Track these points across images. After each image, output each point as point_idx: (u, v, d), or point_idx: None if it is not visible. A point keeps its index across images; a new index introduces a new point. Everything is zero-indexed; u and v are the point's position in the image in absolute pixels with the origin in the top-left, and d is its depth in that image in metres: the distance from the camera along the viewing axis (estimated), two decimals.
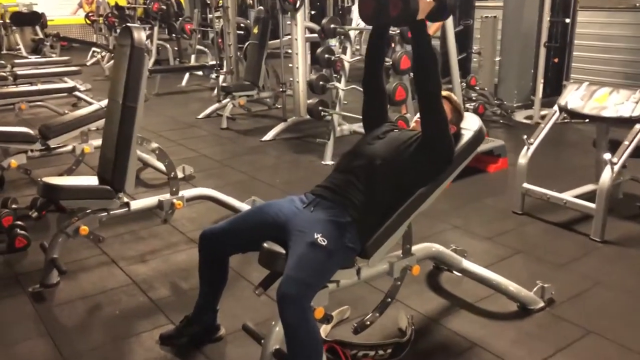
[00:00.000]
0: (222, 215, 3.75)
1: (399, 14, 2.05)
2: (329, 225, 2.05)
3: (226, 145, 5.70)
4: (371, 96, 2.46)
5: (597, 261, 3.19)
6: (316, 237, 1.97)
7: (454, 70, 4.96)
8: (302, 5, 5.56)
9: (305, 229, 2.02)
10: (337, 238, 2.03)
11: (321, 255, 1.94)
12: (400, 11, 2.03)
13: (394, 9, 2.06)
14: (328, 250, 1.96)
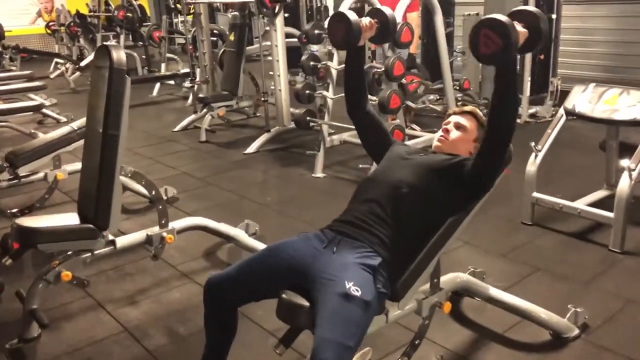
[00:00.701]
0: (214, 242, 3.47)
1: (494, 53, 1.67)
2: (360, 270, 1.79)
3: (208, 161, 5.39)
4: (364, 126, 2.26)
5: (622, 275, 3.00)
6: (348, 286, 1.71)
7: (446, 73, 4.76)
8: (281, 10, 5.27)
9: (333, 277, 1.75)
10: (371, 284, 1.77)
11: (357, 309, 1.68)
12: (497, 50, 1.66)
13: (486, 46, 1.68)
14: (363, 301, 1.70)
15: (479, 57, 1.73)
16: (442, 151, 2.15)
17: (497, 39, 1.64)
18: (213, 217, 3.53)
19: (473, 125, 2.16)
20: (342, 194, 4.30)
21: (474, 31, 1.69)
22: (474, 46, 1.70)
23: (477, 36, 1.68)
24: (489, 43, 1.66)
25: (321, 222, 3.80)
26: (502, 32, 1.63)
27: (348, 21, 2.04)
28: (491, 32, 1.65)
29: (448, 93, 4.82)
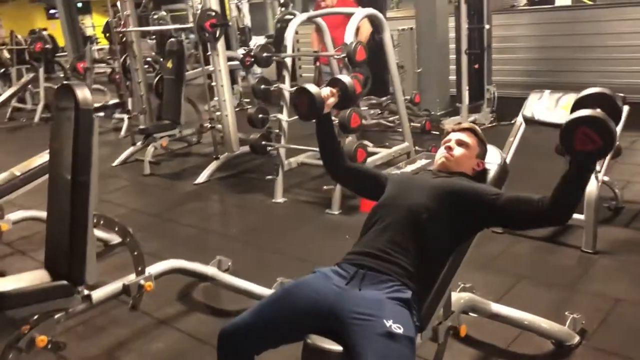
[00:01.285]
0: (186, 283, 3.28)
1: (594, 150, 1.59)
2: (395, 306, 1.70)
3: (158, 195, 5.13)
4: (353, 181, 2.28)
5: (601, 276, 3.08)
6: (388, 324, 1.62)
7: (397, 88, 4.79)
8: (222, 34, 5.14)
9: (369, 316, 1.65)
10: (409, 319, 1.70)
11: (403, 348, 1.60)
12: (594, 150, 1.58)
13: (581, 143, 1.59)
14: (408, 338, 1.62)
15: (573, 153, 1.64)
16: (447, 169, 2.10)
17: (597, 138, 1.56)
18: (178, 255, 3.32)
19: (474, 141, 2.14)
20: (308, 218, 4.24)
21: (571, 127, 1.60)
22: (569, 143, 1.61)
23: (575, 133, 1.60)
24: (587, 141, 1.58)
25: (295, 250, 3.77)
26: (604, 132, 1.56)
27: (310, 94, 2.09)
28: (591, 131, 1.57)
29: (400, 107, 4.83)
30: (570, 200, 1.74)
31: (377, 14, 4.60)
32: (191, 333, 2.84)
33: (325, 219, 4.20)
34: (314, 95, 2.09)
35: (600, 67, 6.96)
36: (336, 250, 3.66)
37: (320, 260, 3.50)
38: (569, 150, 1.63)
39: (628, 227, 3.62)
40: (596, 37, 7.03)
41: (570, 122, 1.60)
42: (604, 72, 6.88)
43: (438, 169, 2.13)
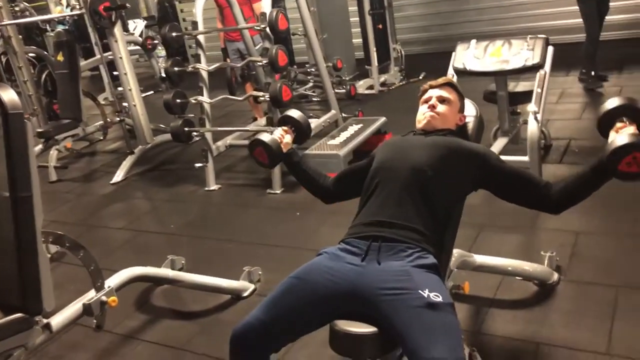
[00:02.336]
0: (140, 291, 3.01)
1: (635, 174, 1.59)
2: (425, 274, 1.62)
3: (74, 202, 4.68)
4: (347, 192, 2.17)
5: None
6: (426, 294, 1.52)
7: (318, 56, 4.66)
8: (119, 18, 4.72)
9: (401, 290, 1.55)
10: (442, 285, 1.63)
11: (448, 315, 1.51)
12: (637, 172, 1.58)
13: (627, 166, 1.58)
14: (448, 304, 1.54)
15: (614, 172, 1.61)
16: (433, 128, 2.02)
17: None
18: (120, 263, 3.05)
19: (455, 95, 2.08)
20: (250, 202, 4.05)
21: (627, 150, 1.55)
22: (615, 161, 1.57)
23: (626, 155, 1.56)
24: (633, 164, 1.56)
25: (248, 236, 3.58)
26: None
27: (264, 144, 2.12)
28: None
29: (323, 74, 4.72)
30: (577, 200, 1.77)
31: None
32: (163, 342, 2.61)
33: (269, 200, 4.03)
34: (269, 144, 2.11)
35: (510, 13, 7.22)
36: (292, 229, 3.58)
37: (281, 241, 3.39)
38: (610, 168, 1.60)
39: (561, 163, 3.79)
40: None
41: (627, 145, 1.55)
42: (514, 17, 7.16)
43: (423, 128, 2.05)
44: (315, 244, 3.27)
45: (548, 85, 3.46)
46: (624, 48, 6.43)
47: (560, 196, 1.76)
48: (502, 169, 1.86)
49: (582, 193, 1.75)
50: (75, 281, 3.11)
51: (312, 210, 3.75)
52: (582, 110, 4.71)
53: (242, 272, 2.90)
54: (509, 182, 1.86)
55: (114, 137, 6.23)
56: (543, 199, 1.79)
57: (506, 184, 1.86)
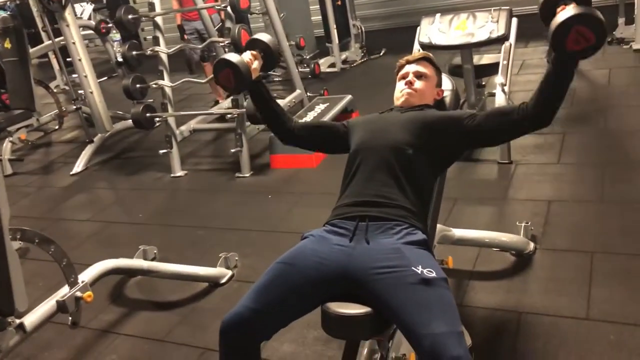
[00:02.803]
0: (114, 282, 2.92)
1: (585, 50, 1.53)
2: (416, 250, 1.60)
3: (34, 195, 4.50)
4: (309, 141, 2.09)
5: (525, 182, 3.24)
6: (419, 271, 1.51)
7: (280, 35, 4.57)
8: (70, 2, 4.51)
9: (393, 268, 1.53)
10: (434, 260, 1.62)
11: (443, 290, 1.50)
12: (587, 47, 1.52)
13: (574, 43, 1.52)
14: (442, 279, 1.53)
15: (564, 53, 1.56)
16: (411, 104, 2.00)
17: (591, 35, 1.50)
18: (91, 256, 2.96)
19: (431, 70, 2.05)
20: (219, 186, 3.98)
21: (567, 25, 1.51)
22: (559, 41, 1.53)
23: (569, 32, 1.51)
24: (581, 40, 1.52)
25: (220, 222, 3.52)
26: (598, 29, 1.50)
27: (233, 65, 1.88)
28: (586, 28, 1.50)
29: (287, 54, 4.64)
30: (556, 100, 1.68)
31: None
32: (142, 334, 2.54)
33: (238, 184, 3.96)
34: (238, 66, 1.88)
35: None
36: (264, 212, 3.53)
37: (254, 225, 3.34)
38: (559, 50, 1.57)
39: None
40: None
41: (566, 20, 1.51)
42: None
43: (401, 105, 2.02)
44: (290, 226, 3.27)
45: (513, 56, 3.49)
46: None
47: (538, 104, 1.70)
48: (481, 117, 1.82)
49: (556, 91, 1.67)
50: (44, 277, 3.01)
51: (283, 192, 3.71)
52: None
53: (217, 259, 2.85)
54: (491, 125, 1.81)
55: (69, 126, 6.02)
56: (525, 118, 1.73)
57: (489, 128, 1.81)
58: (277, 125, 2.05)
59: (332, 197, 1.97)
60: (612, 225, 2.68)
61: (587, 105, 4.08)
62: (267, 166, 4.09)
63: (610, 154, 3.35)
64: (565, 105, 4.07)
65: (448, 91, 2.18)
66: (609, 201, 2.89)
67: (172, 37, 5.78)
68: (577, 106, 4.08)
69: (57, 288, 2.35)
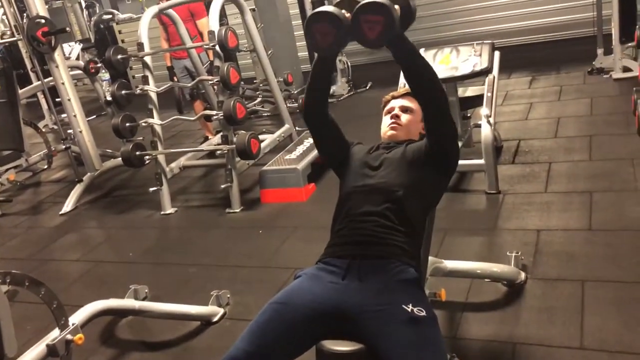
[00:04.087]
0: (105, 323, 2.88)
1: (382, 31, 1.57)
2: (408, 288, 1.61)
3: (23, 236, 4.46)
4: (323, 133, 2.02)
5: (513, 212, 3.27)
6: (409, 309, 1.52)
7: (268, 72, 4.64)
8: (59, 43, 4.56)
9: (384, 305, 1.54)
10: (425, 298, 1.63)
11: (432, 329, 1.51)
12: (383, 28, 1.56)
13: (370, 32, 1.57)
14: (431, 318, 1.53)
15: (369, 43, 1.61)
16: (397, 139, 2.03)
17: (378, 17, 1.56)
18: (80, 296, 2.96)
19: (417, 104, 2.08)
20: (210, 223, 3.97)
21: (355, 22, 1.58)
22: (360, 36, 1.59)
23: (359, 25, 1.58)
24: (373, 26, 1.57)
25: (211, 259, 3.51)
26: (380, 10, 1.56)
27: (334, 18, 1.63)
28: (370, 15, 1.57)
29: (275, 90, 4.70)
30: (420, 74, 1.74)
31: None
32: None
33: (229, 219, 3.96)
34: (339, 18, 1.62)
35: (449, 20, 7.41)
36: (256, 248, 3.53)
37: (245, 261, 3.34)
38: (369, 44, 1.61)
39: (514, 164, 3.89)
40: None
41: (352, 17, 1.58)
42: (454, 24, 7.35)
43: (389, 138, 2.05)
44: (281, 261, 3.26)
45: (497, 88, 3.56)
46: (558, 48, 6.72)
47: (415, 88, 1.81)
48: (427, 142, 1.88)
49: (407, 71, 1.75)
50: (32, 320, 2.97)
51: (274, 227, 3.71)
52: (527, 111, 4.87)
53: (209, 297, 2.83)
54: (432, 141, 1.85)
55: (58, 165, 6.01)
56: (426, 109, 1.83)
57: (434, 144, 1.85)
58: (318, 99, 1.95)
59: (323, 231, 1.99)
60: (601, 253, 2.70)
61: (572, 134, 4.15)
62: (258, 201, 4.10)
63: (597, 181, 3.40)
64: (550, 134, 4.20)
65: None
66: (597, 229, 2.92)
67: (161, 75, 5.85)
68: (561, 135, 4.15)
69: (47, 331, 2.32)
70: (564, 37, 6.98)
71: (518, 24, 7.20)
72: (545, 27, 7.11)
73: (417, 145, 1.95)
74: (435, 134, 1.83)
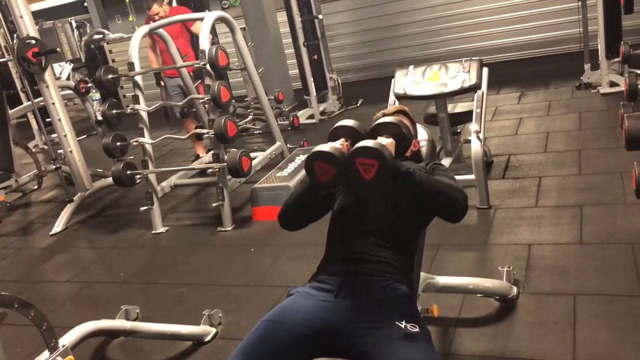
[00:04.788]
0: (95, 345, 2.84)
1: (377, 173, 1.61)
2: (400, 305, 1.61)
3: (12, 257, 4.41)
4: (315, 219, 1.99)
5: (505, 227, 3.28)
6: (402, 325, 1.51)
7: (259, 90, 4.66)
8: (49, 64, 4.56)
9: (377, 322, 1.54)
10: (418, 314, 1.62)
11: (426, 345, 1.51)
12: (378, 170, 1.60)
13: (367, 173, 1.61)
14: (425, 334, 1.53)
15: (367, 185, 1.64)
16: None
17: (372, 161, 1.60)
18: (71, 317, 2.93)
19: (408, 121, 2.11)
20: (201, 241, 3.96)
21: (350, 164, 1.62)
22: (357, 177, 1.62)
23: (355, 167, 1.62)
24: (368, 168, 1.61)
25: (203, 278, 3.49)
26: (374, 153, 1.60)
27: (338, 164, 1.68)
28: (364, 159, 1.61)
29: (266, 108, 4.72)
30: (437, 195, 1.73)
31: (226, 16, 4.42)
32: None
33: (221, 238, 3.95)
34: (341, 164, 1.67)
35: (437, 37, 7.49)
36: (248, 266, 3.51)
37: (237, 280, 3.32)
38: (368, 184, 1.63)
39: (504, 178, 3.91)
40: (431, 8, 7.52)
41: (348, 159, 1.63)
42: (442, 41, 7.43)
43: None
44: (273, 279, 3.25)
45: (486, 104, 3.59)
46: (546, 64, 6.81)
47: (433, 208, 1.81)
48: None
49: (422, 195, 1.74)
50: (21, 343, 2.94)
51: (266, 245, 3.70)
52: (516, 126, 4.91)
53: (201, 316, 2.81)
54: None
55: (49, 185, 5.98)
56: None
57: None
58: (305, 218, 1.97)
59: (315, 248, 1.98)
60: (593, 267, 2.72)
61: (561, 149, 4.19)
62: (249, 219, 4.09)
63: (587, 195, 3.42)
64: (540, 149, 4.23)
65: (424, 141, 2.24)
66: (588, 242, 2.93)
67: (152, 94, 5.86)
68: (550, 150, 4.19)
69: (37, 353, 2.30)
70: (552, 53, 7.07)
71: (506, 41, 7.30)
72: (532, 43, 7.20)
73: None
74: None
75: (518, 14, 7.15)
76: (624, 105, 2.99)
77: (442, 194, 1.71)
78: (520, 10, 7.13)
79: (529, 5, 7.08)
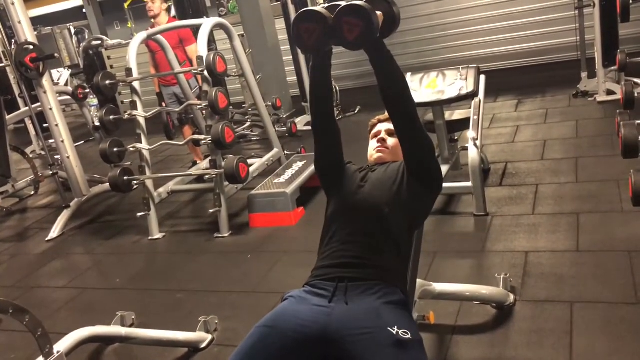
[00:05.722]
0: (90, 351, 2.83)
1: (360, 34, 1.62)
2: (394, 311, 1.60)
3: (8, 263, 4.40)
4: (327, 139, 1.98)
5: (501, 234, 3.28)
6: (395, 332, 1.51)
7: (257, 96, 4.66)
8: (47, 69, 4.57)
9: (370, 328, 1.53)
10: (412, 321, 1.62)
11: (418, 353, 1.50)
12: (361, 31, 1.62)
13: (350, 33, 1.63)
14: (418, 341, 1.53)
15: (348, 44, 1.66)
16: (384, 161, 2.04)
17: (358, 21, 1.62)
18: (66, 323, 2.92)
19: None
20: (198, 248, 3.95)
21: (336, 21, 1.65)
22: (340, 36, 1.65)
23: (340, 25, 1.64)
24: (352, 28, 1.63)
25: (199, 284, 3.49)
26: (361, 14, 1.62)
27: (322, 19, 1.69)
28: (351, 17, 1.63)
29: (263, 114, 4.72)
30: (393, 79, 1.77)
31: (224, 22, 4.43)
32: None
33: (217, 244, 3.94)
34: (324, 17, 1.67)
35: (433, 45, 7.52)
36: (244, 273, 3.50)
37: (234, 286, 3.31)
38: (348, 45, 1.66)
39: (501, 186, 3.92)
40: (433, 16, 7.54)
41: (335, 16, 1.64)
42: (438, 49, 7.46)
43: (375, 161, 2.06)
44: (270, 286, 3.24)
45: (483, 111, 3.60)
46: (543, 72, 6.83)
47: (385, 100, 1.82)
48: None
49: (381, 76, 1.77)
50: (16, 349, 2.93)
51: (263, 252, 3.69)
52: (514, 133, 4.92)
53: (197, 323, 2.79)
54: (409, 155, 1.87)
55: (45, 191, 5.96)
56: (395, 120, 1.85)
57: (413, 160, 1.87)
58: (325, 101, 1.93)
59: (312, 255, 1.98)
60: (589, 274, 2.71)
61: (558, 157, 4.20)
62: (246, 225, 4.08)
63: (583, 203, 3.42)
64: (537, 157, 4.24)
65: None
66: (584, 250, 2.93)
67: (150, 100, 5.87)
68: (547, 158, 4.19)
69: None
70: (549, 61, 7.10)
71: (503, 49, 7.33)
72: (530, 51, 7.23)
73: (399, 162, 1.96)
74: (410, 144, 1.84)
75: (516, 22, 7.19)
76: (621, 113, 3.01)
77: (402, 80, 1.77)
78: (518, 19, 7.17)
79: (526, 13, 7.12)
